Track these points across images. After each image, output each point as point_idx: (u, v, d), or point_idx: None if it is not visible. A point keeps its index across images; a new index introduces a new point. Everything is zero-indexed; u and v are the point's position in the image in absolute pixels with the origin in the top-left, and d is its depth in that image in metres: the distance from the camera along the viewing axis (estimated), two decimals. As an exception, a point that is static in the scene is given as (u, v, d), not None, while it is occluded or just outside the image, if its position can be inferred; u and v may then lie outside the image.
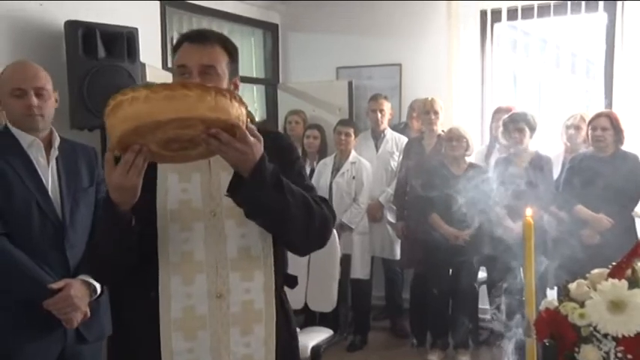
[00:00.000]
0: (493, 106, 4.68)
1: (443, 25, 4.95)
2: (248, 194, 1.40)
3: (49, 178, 2.15)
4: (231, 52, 1.59)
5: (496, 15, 4.88)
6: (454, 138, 4.01)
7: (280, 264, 1.60)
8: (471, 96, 5.00)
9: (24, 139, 2.12)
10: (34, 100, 2.09)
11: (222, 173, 1.53)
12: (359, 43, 5.42)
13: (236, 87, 1.59)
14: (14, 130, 2.12)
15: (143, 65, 3.89)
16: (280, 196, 1.43)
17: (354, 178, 4.39)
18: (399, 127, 4.92)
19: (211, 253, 1.52)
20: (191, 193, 1.53)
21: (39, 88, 2.12)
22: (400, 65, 5.29)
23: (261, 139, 1.40)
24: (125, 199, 1.39)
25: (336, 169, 4.48)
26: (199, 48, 1.53)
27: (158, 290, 1.52)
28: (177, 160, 1.41)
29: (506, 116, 4.03)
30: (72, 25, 3.55)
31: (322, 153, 4.74)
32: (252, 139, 1.36)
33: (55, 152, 2.17)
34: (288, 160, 1.61)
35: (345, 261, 3.30)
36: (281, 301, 1.61)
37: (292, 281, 1.69)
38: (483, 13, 4.91)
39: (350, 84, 5.38)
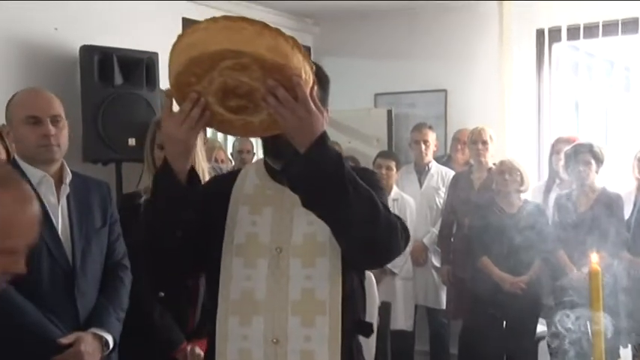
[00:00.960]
0: (552, 137, 4.62)
1: (494, 46, 4.96)
2: (302, 173, 1.37)
3: (59, 218, 2.17)
4: (323, 81, 1.61)
5: (555, 34, 4.86)
6: (506, 171, 3.96)
7: (352, 309, 1.57)
8: (527, 125, 4.95)
9: (33, 175, 2.15)
10: (51, 129, 2.13)
11: (296, 209, 1.54)
12: (399, 67, 5.46)
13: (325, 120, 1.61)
14: (23, 165, 2.15)
15: (163, 93, 3.97)
16: (340, 183, 1.37)
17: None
18: (441, 160, 4.90)
19: (272, 293, 1.53)
20: (259, 226, 1.56)
21: (55, 116, 2.16)
22: (446, 91, 5.30)
23: (324, 112, 1.40)
24: (177, 155, 1.41)
25: (375, 207, 4.44)
26: None
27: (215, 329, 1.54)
28: (238, 128, 1.41)
29: (568, 148, 3.96)
30: (87, 50, 3.67)
31: (359, 189, 4.73)
32: (313, 106, 1.34)
33: (66, 189, 2.19)
34: (371, 186, 1.57)
35: (385, 310, 3.24)
36: (350, 354, 1.58)
37: (367, 329, 1.66)
38: (540, 33, 4.90)
39: (389, 112, 5.39)
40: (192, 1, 4.68)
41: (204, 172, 2.65)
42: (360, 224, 1.41)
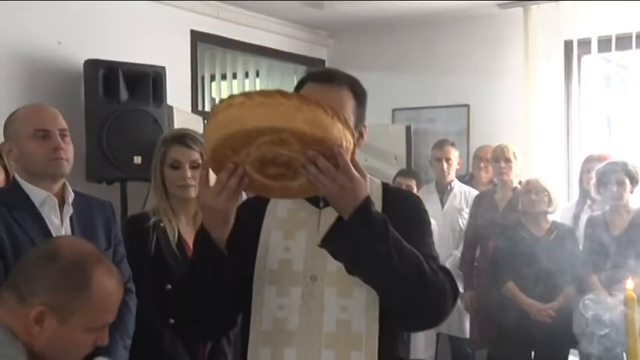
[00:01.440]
0: (582, 155, 4.59)
1: (520, 58, 4.95)
2: (345, 241, 1.39)
3: None
4: (360, 96, 1.66)
5: (584, 46, 4.84)
6: (533, 191, 3.93)
7: (389, 345, 1.57)
8: (555, 142, 4.93)
9: (36, 195, 2.16)
10: (61, 142, 2.17)
11: None
12: (418, 80, 5.47)
13: (361, 137, 1.66)
14: (25, 185, 2.17)
15: (171, 109, 4.01)
16: (385, 251, 1.40)
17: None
18: (463, 179, 4.88)
19: (305, 324, 1.54)
20: (293, 252, 1.57)
21: (62, 130, 2.20)
22: (468, 106, 5.29)
23: (367, 177, 1.42)
24: (215, 224, 1.44)
25: (394, 228, 4.43)
26: (325, 89, 1.56)
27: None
28: (277, 192, 1.46)
29: (600, 166, 3.93)
30: (92, 65, 3.72)
31: (376, 209, 4.72)
32: (355, 173, 1.36)
33: (69, 210, 2.22)
34: (413, 219, 1.62)
35: (405, 338, 3.23)
36: None
37: None
38: (568, 44, 4.88)
39: (408, 129, 5.40)
40: (202, 14, 4.73)
41: None
42: (406, 291, 1.44)
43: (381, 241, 1.39)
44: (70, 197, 2.22)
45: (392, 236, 1.42)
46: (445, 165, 4.65)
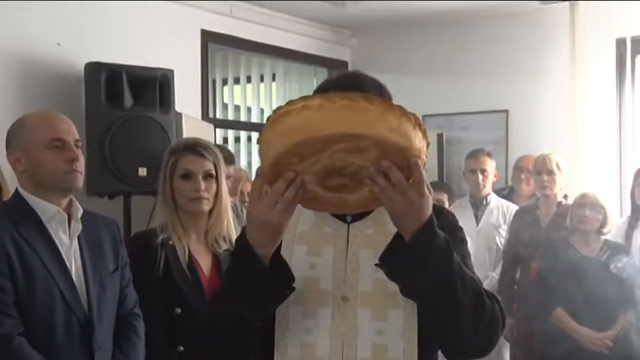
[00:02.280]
0: (636, 165, 4.53)
1: (565, 59, 4.92)
2: (406, 262, 1.40)
3: (72, 260, 2.20)
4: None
5: (638, 44, 4.80)
6: (587, 206, 3.86)
7: None
8: (605, 151, 4.88)
9: (44, 210, 2.17)
10: (78, 153, 2.20)
11: (363, 251, 1.56)
12: (451, 84, 5.45)
13: None
14: (31, 199, 2.18)
15: (179, 115, 4.02)
16: (447, 277, 1.41)
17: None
18: (501, 193, 4.83)
19: (337, 349, 1.53)
20: (320, 270, 1.56)
21: (77, 141, 2.24)
22: (507, 112, 5.26)
23: (432, 194, 1.42)
24: (265, 240, 1.42)
25: (424, 247, 4.40)
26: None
27: None
28: (331, 205, 1.45)
29: (655, 178, 3.88)
30: (93, 68, 3.74)
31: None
32: (427, 190, 1.38)
33: (77, 227, 2.23)
34: (451, 239, 1.61)
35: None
36: None
37: None
38: (621, 43, 4.84)
39: (440, 137, 5.37)
40: (213, 12, 4.75)
41: (227, 207, 2.65)
42: (463, 319, 1.44)
43: (444, 265, 1.40)
44: (79, 213, 2.24)
45: (456, 261, 1.42)
46: (480, 177, 4.61)
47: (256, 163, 6.08)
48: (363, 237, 1.49)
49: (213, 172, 2.57)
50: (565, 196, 4.23)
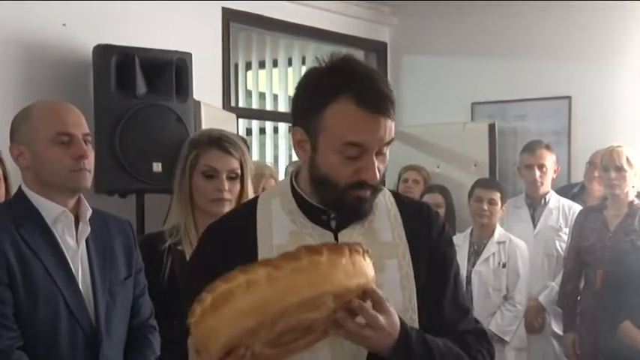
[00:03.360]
0: None
1: (637, 37, 4.84)
2: None
3: (79, 266, 2.21)
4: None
5: None
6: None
7: None
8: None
9: (49, 210, 2.18)
10: (87, 150, 2.21)
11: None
12: (505, 67, 5.41)
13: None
14: (34, 198, 2.19)
15: (197, 104, 4.04)
16: None
17: (504, 265, 4.28)
18: (570, 192, 4.78)
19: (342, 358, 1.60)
20: None
21: (86, 135, 2.24)
22: (569, 99, 5.21)
23: (393, 313, 1.51)
24: None
25: (475, 253, 4.38)
26: (375, 121, 1.57)
27: None
28: (279, 356, 1.48)
29: None
30: (103, 51, 3.77)
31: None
32: (387, 304, 1.48)
33: (85, 229, 2.24)
34: (445, 253, 1.73)
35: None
36: None
37: None
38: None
39: (492, 127, 5.33)
40: (236, -13, 4.77)
41: None
42: None
43: None
44: (88, 214, 2.24)
45: (436, 354, 1.56)
46: (538, 173, 4.57)
47: (283, 157, 6.10)
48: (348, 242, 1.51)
49: (239, 171, 2.57)
50: (638, 195, 4.17)
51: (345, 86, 1.56)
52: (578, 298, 4.30)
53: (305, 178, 1.67)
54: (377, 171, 1.58)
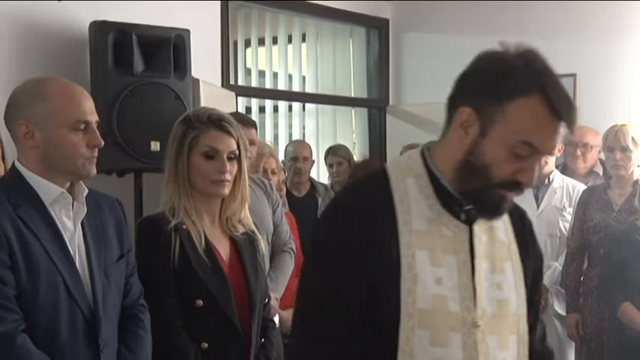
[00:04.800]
0: None
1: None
2: None
3: (76, 248, 2.21)
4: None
5: None
6: (663, 186, 3.84)
7: None
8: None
9: (47, 191, 2.17)
10: (101, 139, 2.22)
11: (479, 261, 1.58)
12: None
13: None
14: (33, 179, 2.17)
15: (196, 82, 4.04)
16: None
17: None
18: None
19: None
20: (447, 286, 1.55)
21: (97, 122, 2.25)
22: (574, 76, 5.20)
23: None
24: None
25: (476, 233, 4.39)
26: (563, 129, 1.56)
27: None
28: None
29: None
30: (99, 28, 3.75)
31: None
32: None
33: (82, 210, 2.23)
34: (539, 273, 1.77)
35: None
36: None
37: None
38: None
39: (494, 105, 5.31)
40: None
41: (247, 188, 2.65)
42: None
43: None
44: (84, 194, 2.24)
45: None
46: (541, 152, 4.56)
47: (283, 136, 6.09)
48: (481, 244, 1.53)
49: (237, 152, 2.57)
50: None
51: (540, 86, 1.52)
52: (582, 278, 4.31)
53: (448, 161, 1.60)
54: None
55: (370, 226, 1.54)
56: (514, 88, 1.52)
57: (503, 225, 1.66)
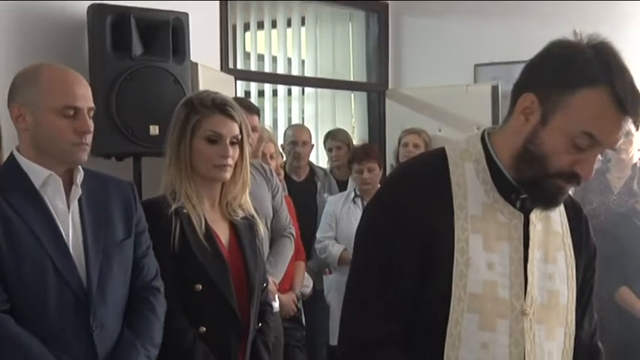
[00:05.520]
0: None
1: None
2: None
3: (70, 229, 2.21)
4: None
5: None
6: (660, 169, 3.84)
7: None
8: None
9: (37, 174, 2.18)
10: (90, 125, 2.20)
11: (532, 251, 1.58)
12: (509, 28, 5.37)
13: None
14: (24, 163, 2.19)
15: (195, 66, 4.02)
16: None
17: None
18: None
19: None
20: (498, 272, 1.56)
21: (91, 109, 2.23)
22: (573, 60, 5.17)
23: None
24: None
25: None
26: (628, 123, 1.55)
27: None
28: None
29: None
30: (97, 11, 3.73)
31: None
32: None
33: (77, 192, 2.23)
34: (593, 268, 1.79)
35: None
36: None
37: None
38: None
39: (495, 89, 5.31)
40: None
41: (247, 173, 2.65)
42: None
43: None
44: (79, 176, 2.24)
45: None
46: (542, 136, 4.56)
47: (282, 120, 6.08)
48: (536, 232, 1.53)
49: (240, 136, 2.56)
50: (641, 157, 4.19)
51: (608, 77, 1.50)
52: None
53: (507, 147, 1.59)
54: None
55: (426, 209, 1.55)
56: (581, 78, 1.50)
57: (559, 216, 1.67)
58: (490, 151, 1.61)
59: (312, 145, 5.12)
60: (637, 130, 1.54)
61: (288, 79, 6.02)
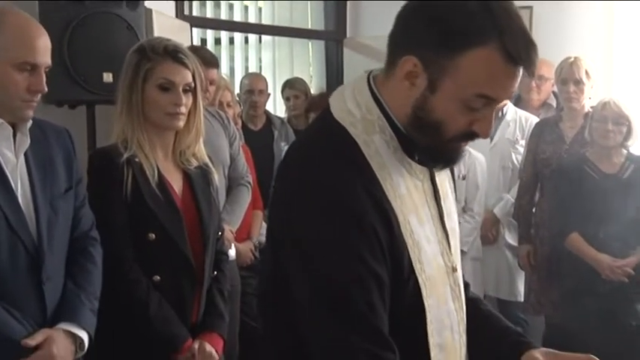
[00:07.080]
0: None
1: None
2: None
3: (19, 180, 2.17)
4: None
5: None
6: (609, 118, 3.87)
7: None
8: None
9: None
10: (44, 85, 2.16)
11: (443, 203, 1.57)
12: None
13: None
14: None
15: (149, 12, 3.96)
16: None
17: (463, 178, 4.33)
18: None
19: (462, 332, 1.57)
20: (433, 241, 1.51)
21: (47, 68, 2.19)
22: (531, 9, 5.18)
23: None
24: None
25: (436, 165, 4.43)
26: (521, 74, 1.43)
27: None
28: None
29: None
30: (47, -46, 3.64)
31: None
32: None
33: (25, 141, 2.20)
34: None
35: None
36: None
37: None
38: None
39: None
40: None
41: (201, 122, 2.62)
42: None
43: None
44: (27, 125, 2.20)
45: None
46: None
47: (239, 69, 6.02)
48: (440, 181, 1.55)
49: (192, 84, 2.53)
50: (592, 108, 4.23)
51: (496, 32, 1.35)
52: (534, 210, 4.38)
53: (403, 113, 1.45)
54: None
55: (368, 202, 1.39)
56: (466, 38, 1.35)
57: None
58: (389, 113, 1.46)
59: (269, 94, 5.08)
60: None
61: (246, 27, 5.95)
